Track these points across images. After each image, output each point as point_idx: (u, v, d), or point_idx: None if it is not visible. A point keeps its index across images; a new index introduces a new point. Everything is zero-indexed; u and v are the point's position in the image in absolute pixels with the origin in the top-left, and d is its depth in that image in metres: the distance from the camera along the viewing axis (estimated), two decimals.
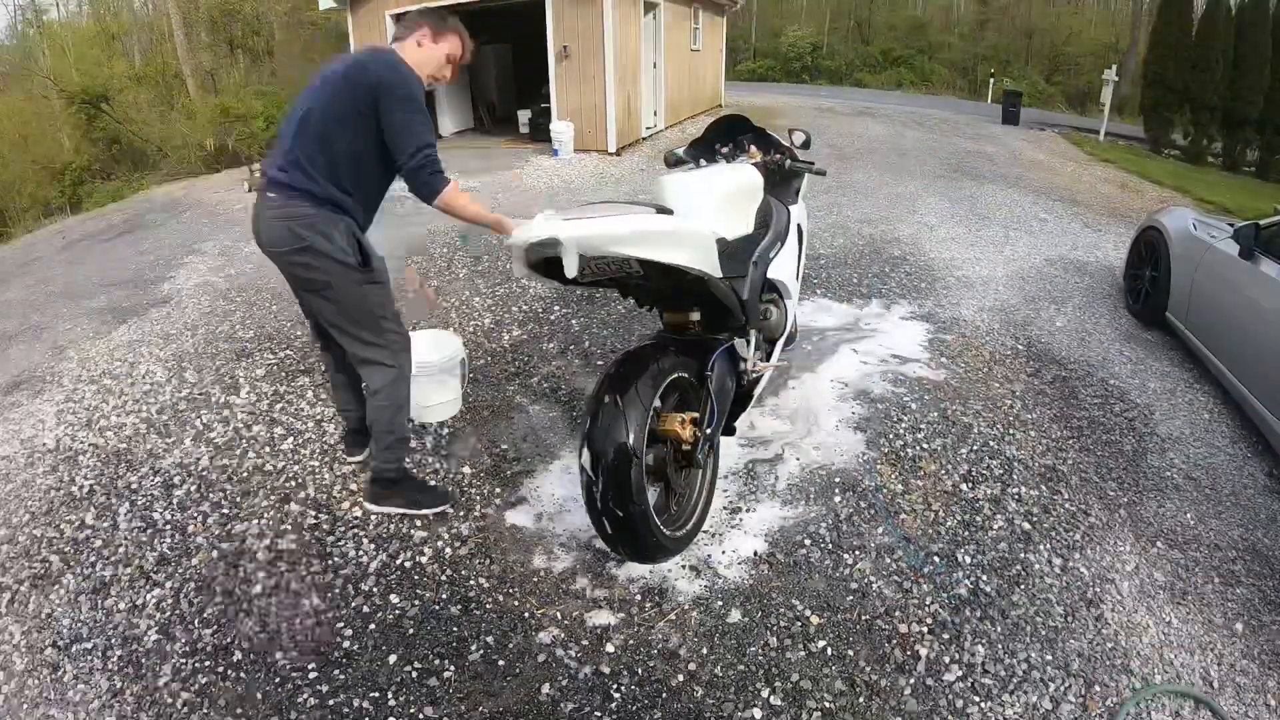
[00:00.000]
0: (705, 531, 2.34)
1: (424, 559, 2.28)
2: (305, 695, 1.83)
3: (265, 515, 2.50)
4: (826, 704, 1.79)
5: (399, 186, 2.28)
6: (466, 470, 2.72)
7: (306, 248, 2.13)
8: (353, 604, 2.12)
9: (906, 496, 2.55)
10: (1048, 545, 2.35)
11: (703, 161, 2.91)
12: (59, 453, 2.98)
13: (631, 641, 1.97)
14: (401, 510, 2.44)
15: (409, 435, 2.58)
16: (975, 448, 2.84)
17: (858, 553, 2.28)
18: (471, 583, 2.18)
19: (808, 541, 2.32)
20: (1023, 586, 2.17)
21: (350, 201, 2.20)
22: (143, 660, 1.97)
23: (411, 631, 2.01)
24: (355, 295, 2.23)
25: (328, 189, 2.13)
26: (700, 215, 2.26)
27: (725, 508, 2.47)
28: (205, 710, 1.81)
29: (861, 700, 1.81)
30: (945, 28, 32.11)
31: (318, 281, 2.20)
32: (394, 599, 2.13)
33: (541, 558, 2.27)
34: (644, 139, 10.32)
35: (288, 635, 2.02)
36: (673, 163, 3.01)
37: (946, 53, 29.73)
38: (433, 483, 2.63)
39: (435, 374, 2.87)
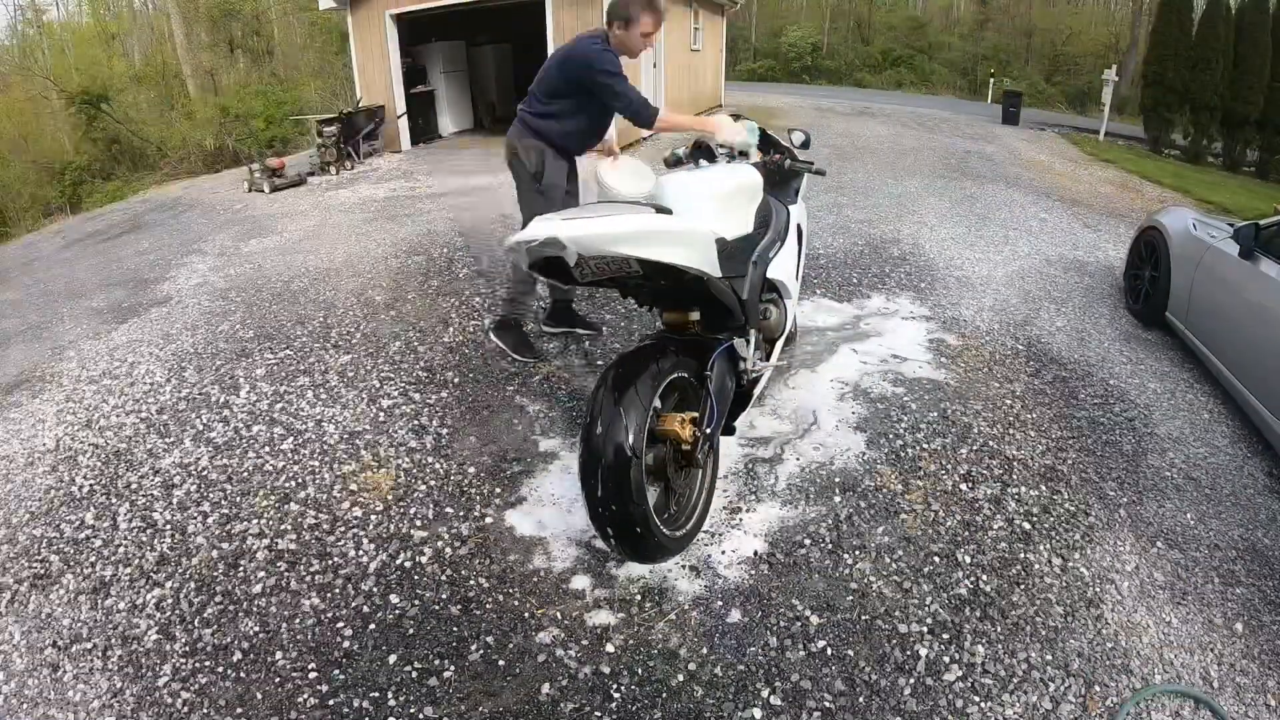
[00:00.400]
0: (705, 531, 2.34)
1: (424, 559, 2.28)
2: (305, 695, 1.83)
3: (265, 515, 2.50)
4: (826, 704, 1.79)
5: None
6: (468, 470, 2.72)
7: None
8: (353, 604, 2.12)
9: (906, 496, 2.55)
10: (1048, 545, 2.35)
11: (702, 161, 2.91)
12: (59, 453, 2.98)
13: (631, 641, 1.97)
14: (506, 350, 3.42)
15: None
16: (975, 448, 2.84)
17: (858, 553, 2.28)
18: (471, 583, 2.18)
19: (808, 541, 2.32)
20: (1023, 586, 2.17)
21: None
22: (143, 660, 1.97)
23: (411, 631, 2.01)
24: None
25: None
26: (700, 215, 2.26)
27: (725, 508, 2.47)
28: (205, 710, 1.81)
29: (861, 700, 1.81)
30: (945, 28, 32.11)
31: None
32: (394, 599, 2.13)
33: (541, 558, 2.27)
34: (644, 139, 10.31)
35: (287, 635, 2.02)
36: (673, 163, 3.01)
37: (946, 53, 29.73)
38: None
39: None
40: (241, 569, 2.27)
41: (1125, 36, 26.69)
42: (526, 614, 2.06)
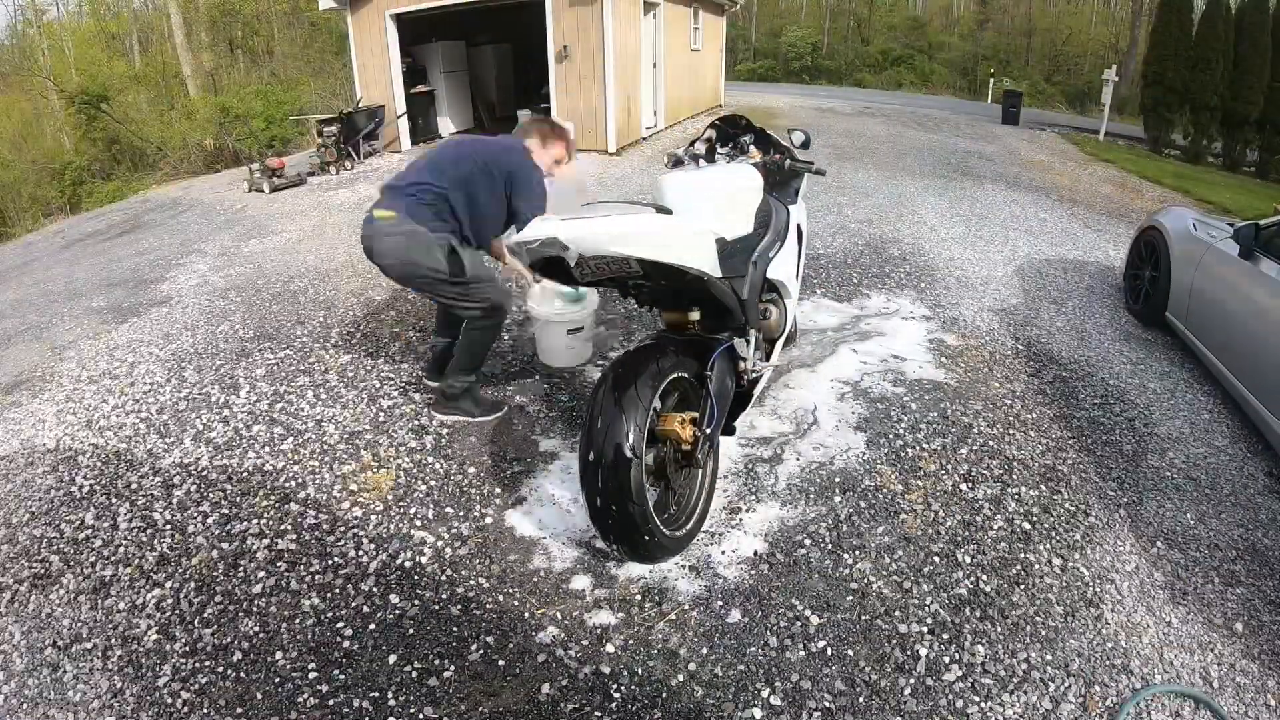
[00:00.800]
0: (705, 531, 2.34)
1: (424, 559, 2.28)
2: (305, 695, 1.83)
3: (265, 515, 2.50)
4: (826, 704, 1.79)
5: None
6: (468, 470, 2.72)
7: None
8: (353, 604, 2.12)
9: (906, 496, 2.55)
10: (1048, 545, 2.35)
11: (702, 161, 2.91)
12: (59, 453, 2.98)
13: (631, 641, 1.97)
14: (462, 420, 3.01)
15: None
16: (975, 448, 2.84)
17: (858, 553, 2.28)
18: (471, 583, 2.18)
19: (808, 541, 2.32)
20: (1023, 586, 2.17)
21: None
22: (143, 660, 1.97)
23: (411, 631, 2.01)
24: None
25: None
26: (700, 215, 2.26)
27: (725, 508, 2.47)
28: (205, 710, 1.81)
29: (861, 700, 1.81)
30: (945, 28, 32.12)
31: None
32: (394, 599, 2.13)
33: (541, 558, 2.27)
34: (644, 139, 10.32)
35: (287, 635, 2.02)
36: (673, 163, 3.01)
37: (946, 53, 29.76)
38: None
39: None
40: (241, 569, 2.27)
41: (1125, 36, 26.71)
42: (526, 614, 2.06)
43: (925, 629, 2.00)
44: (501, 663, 1.91)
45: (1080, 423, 3.09)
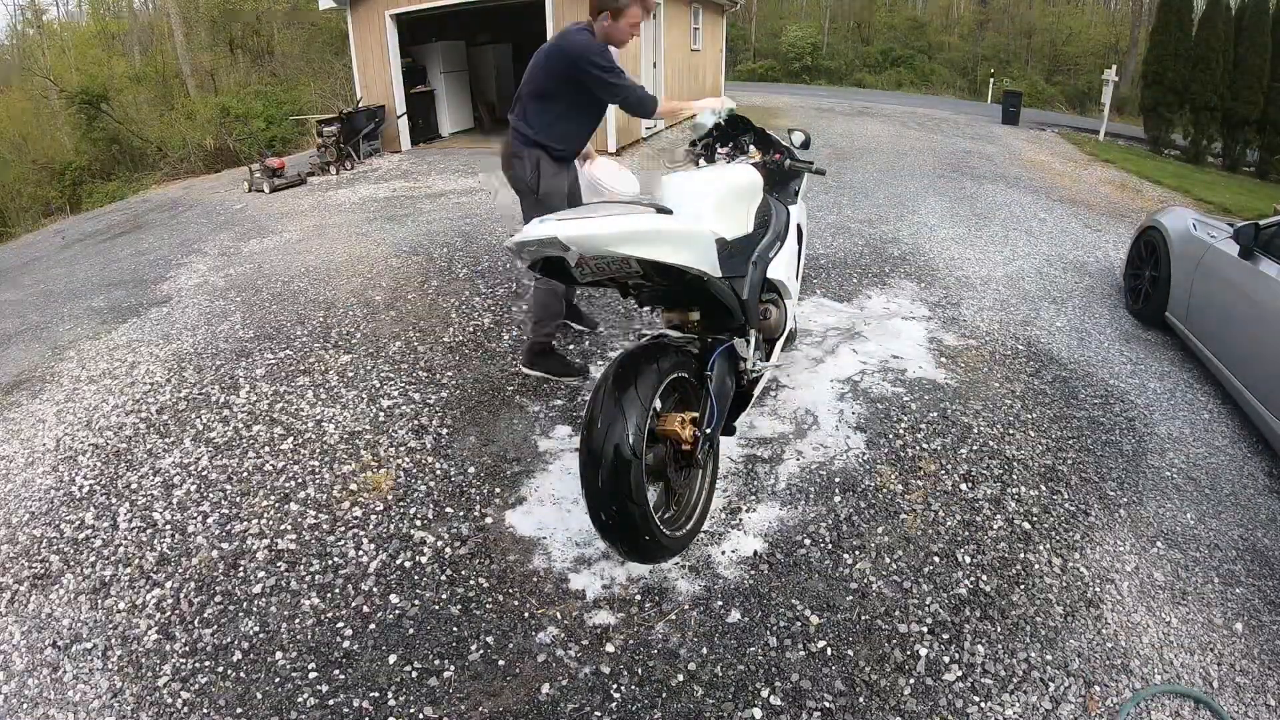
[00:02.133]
0: (705, 531, 2.34)
1: (424, 559, 2.28)
2: (305, 695, 1.83)
3: (265, 515, 2.50)
4: (826, 704, 1.79)
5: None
6: (468, 470, 2.72)
7: None
8: (353, 604, 2.12)
9: (906, 496, 2.55)
10: (1048, 545, 2.35)
11: (702, 161, 2.91)
12: (59, 453, 2.98)
13: (631, 641, 1.97)
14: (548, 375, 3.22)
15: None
16: (975, 448, 2.84)
17: (858, 553, 2.28)
18: (471, 583, 2.18)
19: (808, 541, 2.32)
20: (1023, 586, 2.17)
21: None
22: (143, 660, 1.97)
23: (411, 631, 2.01)
24: None
25: None
26: (700, 215, 2.26)
27: (725, 508, 2.47)
28: (205, 710, 1.81)
29: (861, 700, 1.81)
30: (945, 28, 32.11)
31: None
32: (394, 599, 2.13)
33: (541, 558, 2.27)
34: (644, 139, 10.32)
35: (287, 635, 2.02)
36: (672, 163, 3.01)
37: (946, 53, 29.76)
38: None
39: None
40: (241, 569, 2.27)
41: (1125, 36, 26.71)
42: (526, 614, 2.06)
43: (925, 629, 2.01)
44: (501, 663, 1.91)
45: (1080, 423, 3.09)
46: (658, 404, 2.02)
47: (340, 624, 2.04)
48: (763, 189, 2.70)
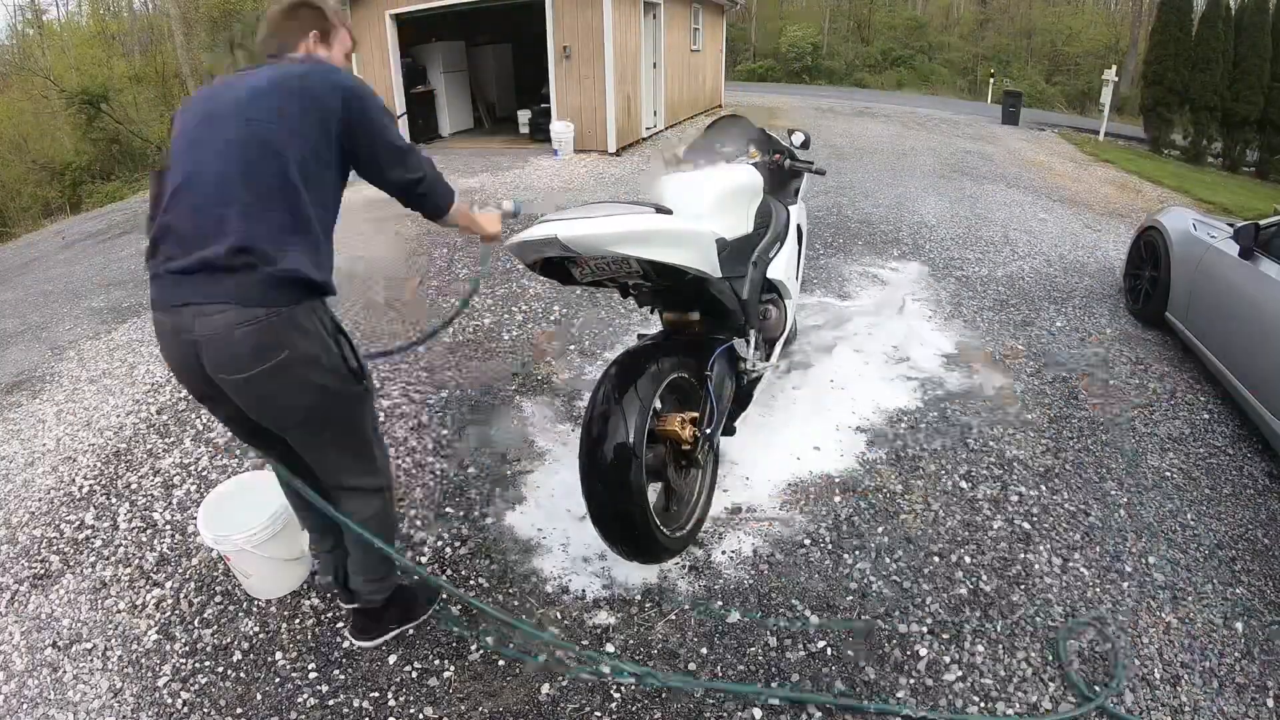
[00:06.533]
0: (705, 531, 2.34)
1: (424, 559, 2.28)
2: (305, 695, 1.83)
3: None
4: (827, 704, 1.79)
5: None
6: (468, 470, 2.72)
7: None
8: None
9: (906, 496, 2.55)
10: (1048, 545, 2.35)
11: (702, 162, 2.91)
12: (59, 453, 2.98)
13: (631, 641, 1.97)
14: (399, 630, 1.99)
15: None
16: (975, 448, 2.84)
17: (858, 553, 2.28)
18: (471, 583, 2.18)
19: (808, 541, 2.32)
20: (1023, 586, 2.17)
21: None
22: (143, 660, 1.97)
23: (411, 631, 2.01)
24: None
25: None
26: (700, 215, 2.26)
27: (725, 508, 2.47)
28: (205, 710, 1.81)
29: (862, 700, 1.81)
30: (945, 28, 32.10)
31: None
32: None
33: (541, 558, 2.27)
34: (644, 139, 10.31)
35: (288, 635, 2.02)
36: (672, 163, 3.01)
37: (946, 53, 29.73)
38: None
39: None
40: None
41: (1125, 36, 26.69)
42: (526, 614, 2.06)
43: (925, 629, 2.00)
44: (501, 663, 1.91)
45: (1080, 423, 3.09)
46: (658, 404, 2.02)
47: (340, 624, 2.04)
48: (763, 189, 2.70)
